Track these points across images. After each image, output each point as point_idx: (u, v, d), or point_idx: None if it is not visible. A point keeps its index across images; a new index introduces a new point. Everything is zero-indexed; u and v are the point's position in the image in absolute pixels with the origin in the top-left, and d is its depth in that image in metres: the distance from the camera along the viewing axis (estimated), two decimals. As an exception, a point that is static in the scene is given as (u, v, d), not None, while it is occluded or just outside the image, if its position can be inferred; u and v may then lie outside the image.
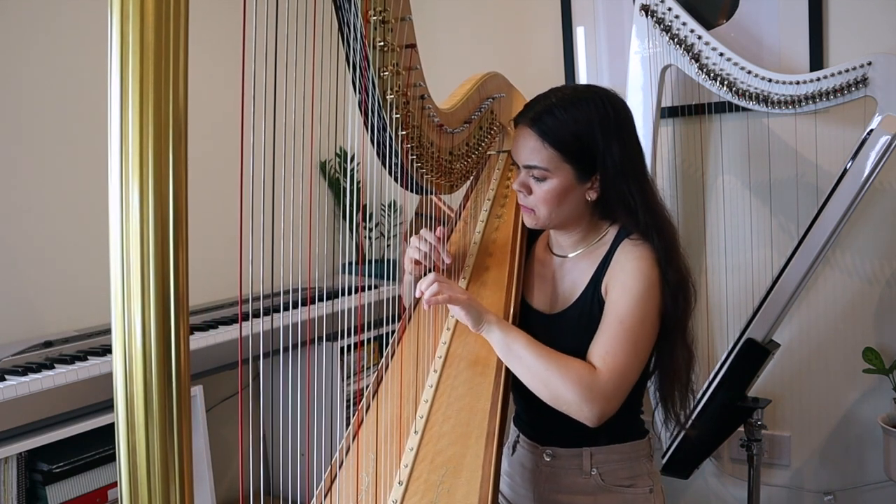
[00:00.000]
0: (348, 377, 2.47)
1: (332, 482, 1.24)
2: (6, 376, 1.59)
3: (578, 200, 1.36)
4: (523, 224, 1.57)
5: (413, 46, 1.27)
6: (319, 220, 2.74)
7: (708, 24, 2.28)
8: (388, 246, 2.90)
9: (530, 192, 1.37)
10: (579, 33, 2.62)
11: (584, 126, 1.32)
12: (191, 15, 0.61)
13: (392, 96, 1.25)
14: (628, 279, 1.30)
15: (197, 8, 0.63)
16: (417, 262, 1.48)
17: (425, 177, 1.44)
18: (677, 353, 1.35)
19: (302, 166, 1.02)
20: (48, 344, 1.87)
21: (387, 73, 1.22)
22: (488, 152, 1.75)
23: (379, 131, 1.28)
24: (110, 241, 0.58)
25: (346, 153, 2.81)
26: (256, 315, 2.04)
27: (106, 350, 1.79)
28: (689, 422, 1.43)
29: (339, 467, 1.25)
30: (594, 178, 1.35)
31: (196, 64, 0.62)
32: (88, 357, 1.75)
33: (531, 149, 1.34)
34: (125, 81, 0.57)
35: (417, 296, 1.28)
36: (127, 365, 0.59)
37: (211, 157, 2.17)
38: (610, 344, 1.26)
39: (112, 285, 0.59)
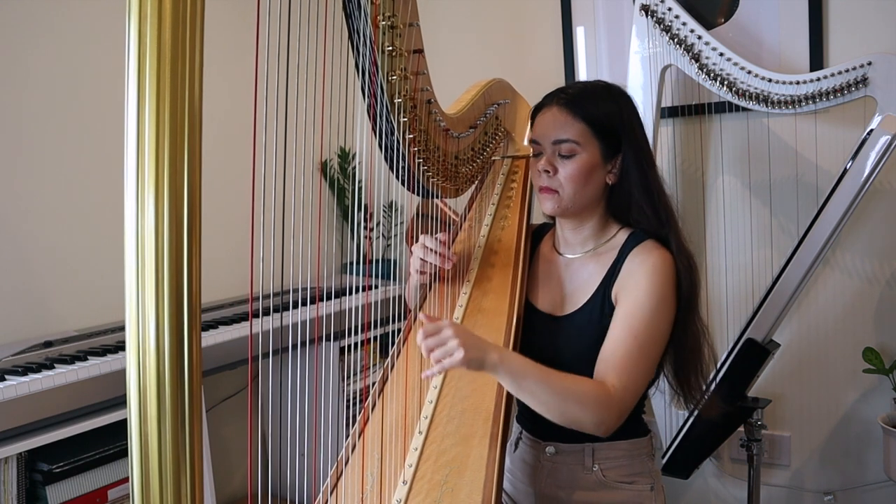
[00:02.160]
0: (348, 377, 2.47)
1: (337, 479, 1.24)
2: (6, 376, 1.59)
3: (600, 182, 1.40)
4: (527, 228, 1.59)
5: (420, 52, 1.29)
6: (326, 222, 2.74)
7: (708, 24, 2.29)
8: (388, 246, 2.90)
9: (556, 171, 1.38)
10: (579, 33, 2.62)
11: (614, 109, 1.38)
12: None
13: (400, 100, 1.26)
14: (641, 293, 1.31)
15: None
16: (423, 272, 1.50)
17: (431, 180, 1.46)
18: (691, 330, 1.37)
19: (312, 166, 1.03)
20: (48, 344, 1.87)
21: (395, 78, 1.24)
22: (493, 157, 1.77)
23: (387, 135, 1.29)
24: (125, 237, 0.59)
25: (346, 153, 2.81)
26: (258, 314, 2.04)
27: (106, 350, 1.79)
28: (706, 398, 1.46)
29: (346, 464, 1.25)
30: (616, 161, 1.39)
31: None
32: (88, 357, 1.75)
33: (562, 123, 1.37)
34: (142, 80, 0.58)
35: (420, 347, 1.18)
36: (140, 358, 0.60)
37: (212, 158, 2.17)
38: (624, 361, 1.27)
39: (126, 280, 0.60)
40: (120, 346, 1.83)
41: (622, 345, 1.28)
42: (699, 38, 2.11)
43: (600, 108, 1.37)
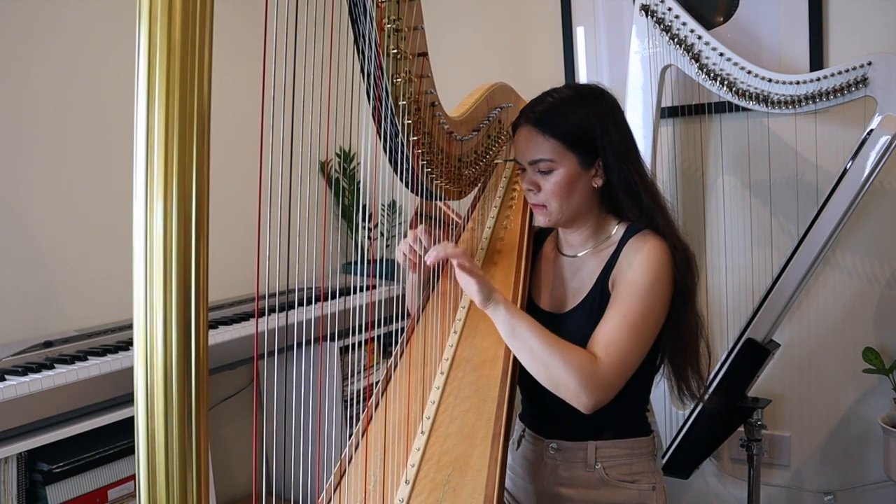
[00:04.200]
0: (346, 378, 2.47)
1: (340, 478, 1.24)
2: (6, 376, 1.59)
3: (586, 189, 1.40)
4: (530, 229, 1.59)
5: (425, 55, 1.30)
6: (329, 222, 2.74)
7: (707, 24, 2.29)
8: (388, 246, 2.90)
9: (539, 188, 1.40)
10: (579, 33, 2.62)
11: (582, 115, 1.38)
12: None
13: (404, 103, 1.27)
14: (634, 274, 1.32)
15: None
16: (407, 259, 1.49)
17: (435, 182, 1.47)
18: (685, 323, 1.38)
19: (316, 167, 1.03)
20: (48, 344, 1.86)
21: (400, 81, 1.25)
22: (495, 161, 1.77)
23: (391, 138, 1.30)
24: (134, 235, 0.60)
25: (346, 153, 2.81)
26: (262, 314, 2.03)
27: (106, 350, 1.79)
28: (707, 393, 1.46)
29: (349, 463, 1.26)
30: (597, 164, 1.39)
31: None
32: (88, 357, 1.74)
33: (534, 144, 1.38)
34: (152, 80, 0.59)
35: (433, 256, 1.28)
36: (148, 355, 0.61)
37: (213, 158, 2.17)
38: (612, 335, 1.27)
39: (135, 278, 0.60)
40: (120, 347, 1.83)
41: (611, 321, 1.29)
42: (699, 38, 2.11)
43: (570, 121, 1.37)
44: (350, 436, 1.34)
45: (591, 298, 1.39)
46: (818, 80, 1.96)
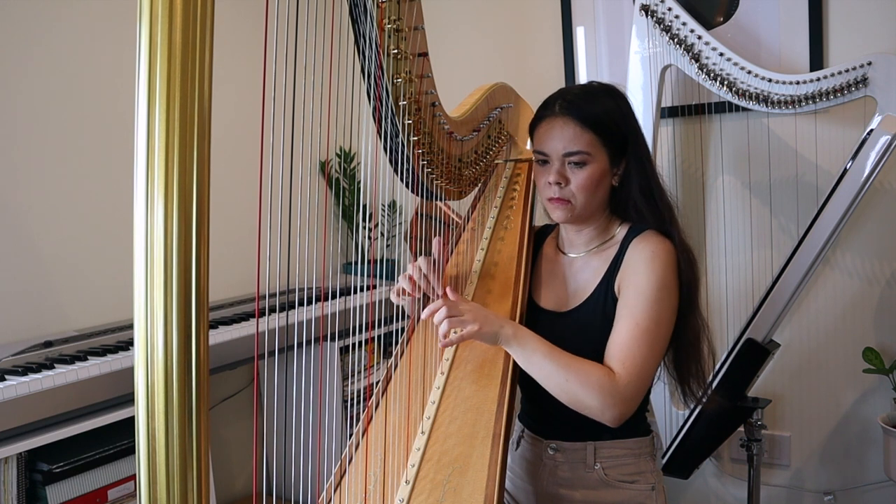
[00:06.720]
0: (346, 378, 2.47)
1: (341, 478, 1.24)
2: (6, 376, 1.59)
3: (607, 188, 1.41)
4: (530, 229, 1.59)
5: (425, 55, 1.30)
6: (329, 222, 2.74)
7: (707, 24, 2.29)
8: (388, 246, 2.90)
9: (568, 182, 1.37)
10: (579, 33, 2.62)
11: (617, 113, 1.38)
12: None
13: (405, 103, 1.27)
14: (641, 280, 1.32)
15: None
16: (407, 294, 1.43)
17: (435, 183, 1.47)
18: (690, 325, 1.38)
19: (317, 167, 1.03)
20: (48, 344, 1.87)
21: (400, 81, 1.25)
22: (495, 161, 1.77)
23: (391, 138, 1.30)
24: (134, 235, 0.60)
25: (346, 153, 2.81)
26: (262, 314, 2.04)
27: (106, 350, 1.79)
28: (707, 395, 1.47)
29: (349, 463, 1.26)
30: (621, 164, 1.40)
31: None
32: (88, 357, 1.74)
33: (572, 135, 1.36)
34: (153, 81, 0.60)
35: (434, 320, 1.27)
36: (148, 355, 0.61)
37: (213, 159, 2.17)
38: (628, 347, 1.27)
39: (135, 278, 0.61)
40: (120, 346, 1.83)
41: (625, 333, 1.29)
42: (699, 38, 2.11)
43: (607, 116, 1.37)
44: (350, 436, 1.34)
45: (595, 298, 1.39)
46: (818, 80, 1.96)
